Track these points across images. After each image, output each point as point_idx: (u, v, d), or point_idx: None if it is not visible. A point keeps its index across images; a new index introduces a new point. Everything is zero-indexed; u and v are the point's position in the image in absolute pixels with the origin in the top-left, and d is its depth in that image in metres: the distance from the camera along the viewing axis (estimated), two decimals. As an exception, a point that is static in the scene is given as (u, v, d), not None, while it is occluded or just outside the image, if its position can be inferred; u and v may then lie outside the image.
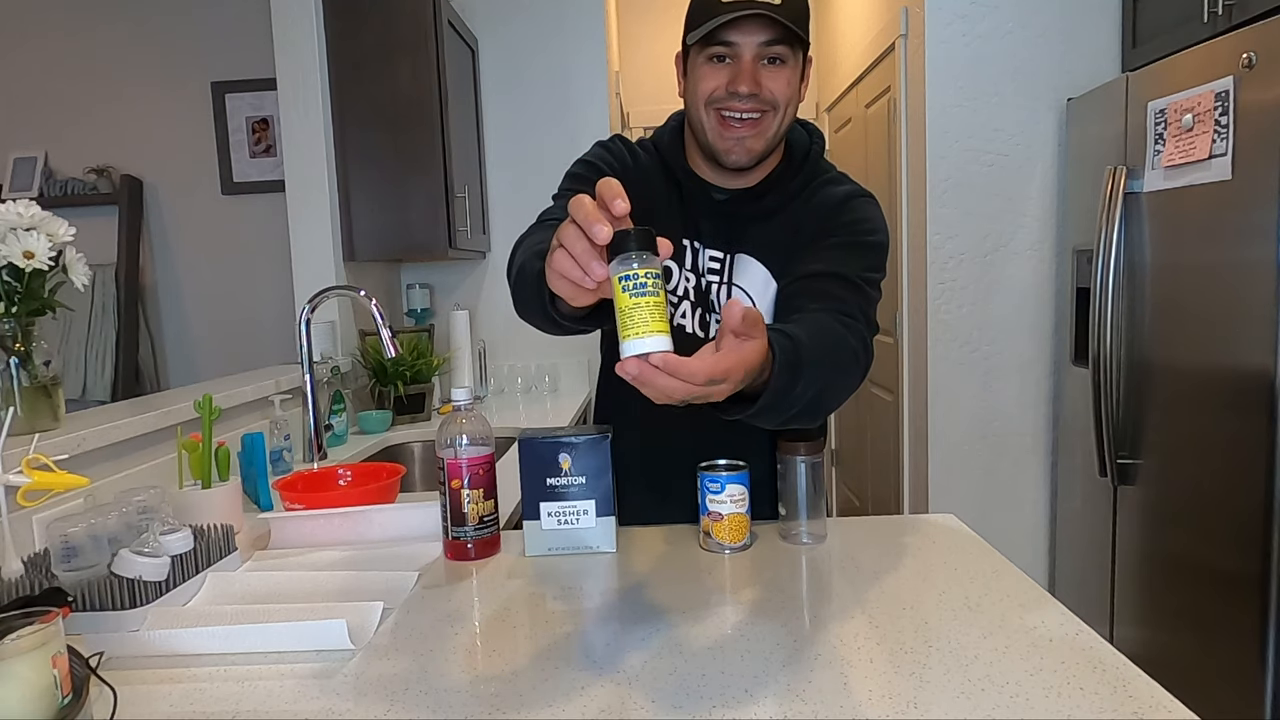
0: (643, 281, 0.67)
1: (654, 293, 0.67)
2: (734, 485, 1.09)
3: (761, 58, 1.03)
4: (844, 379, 0.95)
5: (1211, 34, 1.95)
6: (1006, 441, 2.68)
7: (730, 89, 1.03)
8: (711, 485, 1.09)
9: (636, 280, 0.67)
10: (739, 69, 1.03)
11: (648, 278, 0.67)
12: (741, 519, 1.10)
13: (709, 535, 1.11)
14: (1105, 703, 0.69)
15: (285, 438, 1.80)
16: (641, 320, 0.66)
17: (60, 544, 0.94)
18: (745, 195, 1.15)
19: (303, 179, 2.44)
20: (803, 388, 0.83)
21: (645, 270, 0.67)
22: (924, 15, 2.56)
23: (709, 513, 1.10)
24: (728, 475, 1.08)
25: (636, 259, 0.67)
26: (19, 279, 1.23)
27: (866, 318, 1.03)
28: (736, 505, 1.09)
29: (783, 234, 1.14)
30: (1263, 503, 1.71)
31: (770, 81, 1.04)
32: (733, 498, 1.09)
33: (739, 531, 1.10)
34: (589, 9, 3.02)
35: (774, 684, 0.74)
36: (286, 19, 2.40)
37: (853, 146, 3.59)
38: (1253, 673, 1.75)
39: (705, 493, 1.10)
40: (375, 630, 0.89)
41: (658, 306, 0.67)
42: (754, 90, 1.03)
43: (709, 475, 1.09)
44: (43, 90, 3.24)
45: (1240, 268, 1.78)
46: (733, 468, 1.09)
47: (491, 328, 3.09)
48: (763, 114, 1.05)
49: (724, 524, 1.10)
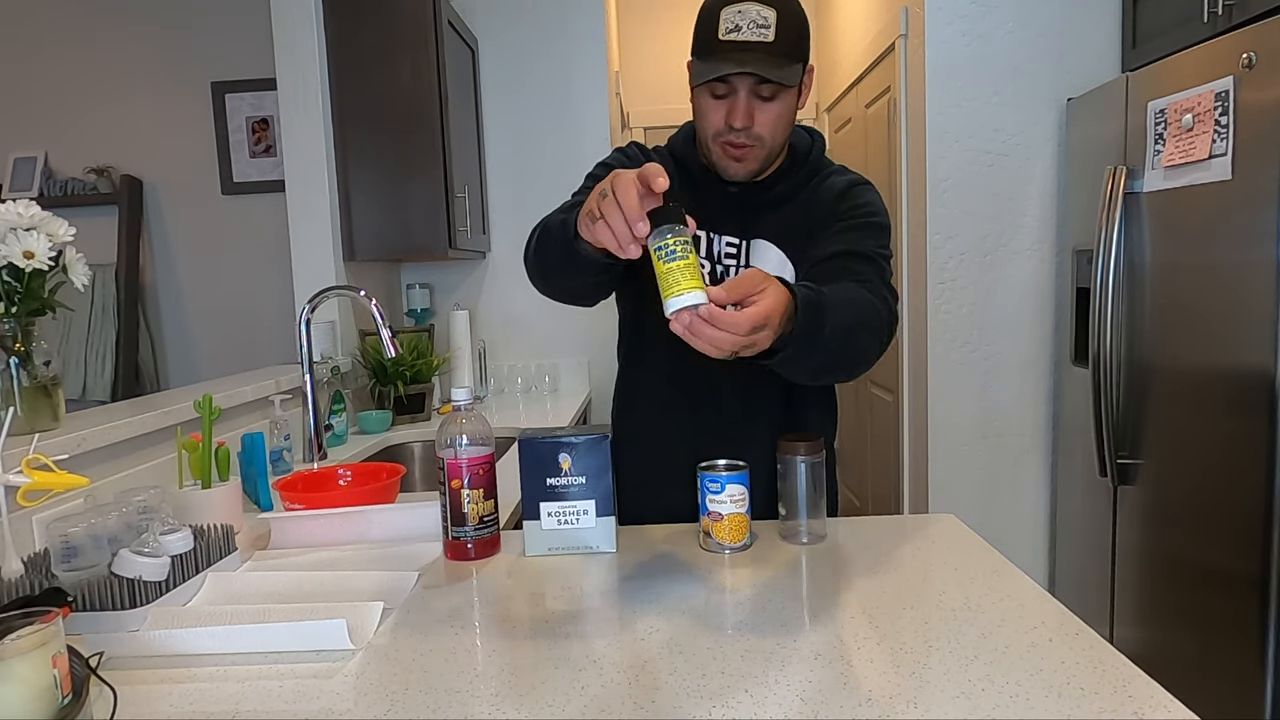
0: (673, 249, 0.80)
1: (685, 256, 0.80)
2: (734, 485, 1.08)
3: (756, 94, 1.12)
4: (871, 329, 1.03)
5: (1211, 34, 1.95)
6: (1006, 441, 2.68)
7: (728, 122, 1.13)
8: (711, 485, 1.09)
9: (668, 249, 0.80)
10: (735, 105, 1.12)
11: (678, 245, 0.80)
12: (741, 519, 1.10)
13: (709, 535, 1.10)
14: (1105, 703, 0.69)
15: (285, 438, 1.80)
16: (678, 280, 0.79)
17: (60, 544, 0.94)
18: (756, 187, 1.23)
19: (303, 179, 2.44)
20: (830, 329, 0.92)
21: (676, 239, 0.80)
22: (924, 15, 2.56)
23: (709, 513, 1.10)
24: (728, 475, 1.08)
25: (670, 230, 0.80)
26: (19, 279, 1.23)
27: (886, 283, 1.12)
28: (737, 505, 1.09)
29: (795, 218, 1.22)
30: (1263, 503, 1.71)
31: (762, 115, 1.13)
32: (733, 498, 1.08)
33: (739, 531, 1.10)
34: (589, 9, 3.02)
35: (774, 684, 0.74)
36: (286, 19, 2.40)
37: (853, 146, 3.59)
38: (1253, 673, 1.75)
39: (705, 493, 1.10)
40: (375, 630, 0.90)
41: (690, 267, 0.79)
42: (747, 124, 1.12)
43: (709, 475, 1.09)
44: (43, 90, 3.24)
45: (1240, 268, 1.77)
46: (732, 468, 1.09)
47: (491, 328, 3.09)
48: (752, 146, 1.15)
49: (724, 524, 1.09)
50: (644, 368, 1.33)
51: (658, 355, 1.26)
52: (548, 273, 1.12)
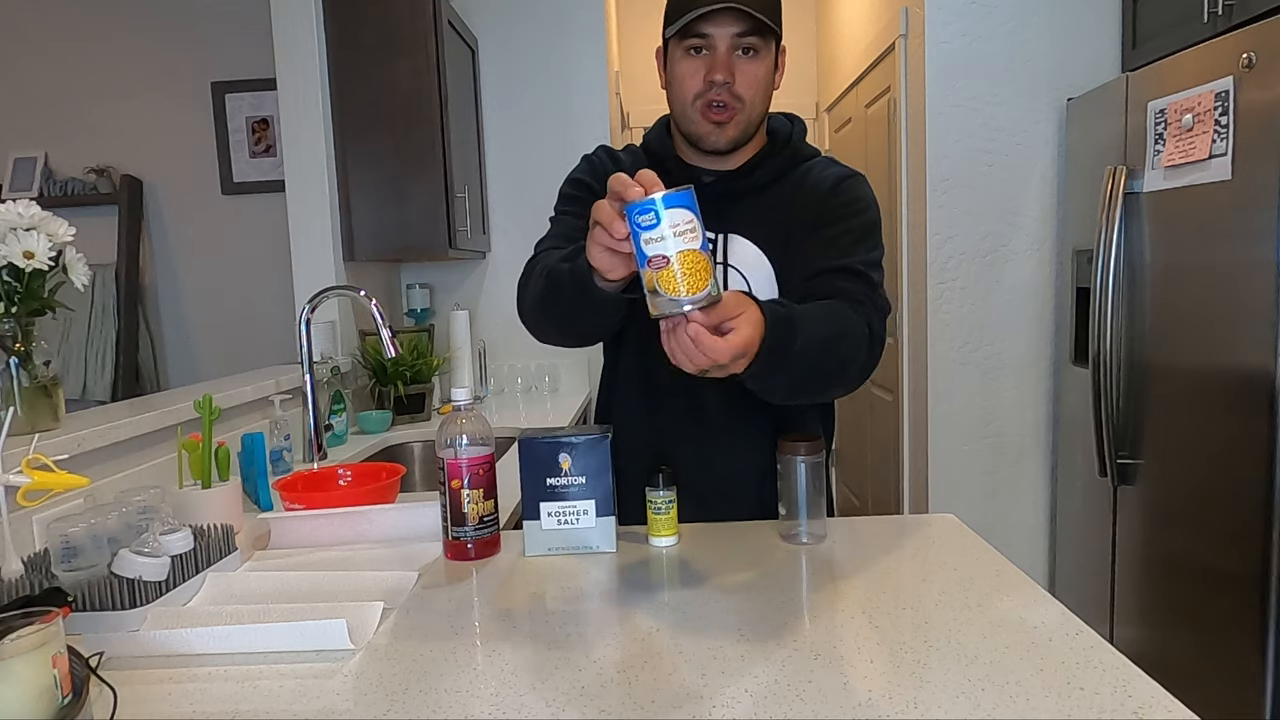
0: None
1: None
2: (675, 210, 0.76)
3: (735, 48, 1.09)
4: (848, 346, 1.01)
5: (1211, 34, 1.95)
6: (1006, 441, 2.68)
7: (708, 78, 1.10)
8: (642, 218, 0.76)
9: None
10: (715, 60, 1.09)
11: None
12: (697, 257, 0.77)
13: (656, 293, 0.78)
14: (1105, 703, 0.69)
15: (285, 438, 1.80)
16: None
17: (60, 544, 0.94)
18: (731, 176, 1.20)
19: (303, 179, 2.44)
20: (801, 344, 0.91)
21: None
22: (924, 15, 2.56)
23: (648, 261, 0.77)
24: (668, 195, 0.77)
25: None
26: (19, 279, 1.23)
27: (873, 302, 1.09)
28: (684, 239, 0.76)
29: (775, 210, 1.19)
30: (1263, 503, 1.71)
31: (742, 74, 1.10)
32: (676, 228, 0.76)
33: (697, 276, 0.77)
34: (589, 9, 3.02)
35: (774, 684, 0.74)
36: (286, 19, 2.40)
37: (853, 146, 3.59)
38: (1253, 673, 1.75)
39: (636, 233, 0.77)
40: (375, 630, 0.89)
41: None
42: (728, 79, 1.09)
43: (636, 206, 0.77)
44: (43, 90, 3.24)
45: (1240, 268, 1.77)
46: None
47: (491, 328, 3.09)
48: (734, 109, 1.12)
49: (671, 270, 0.76)
50: (624, 368, 1.29)
51: (633, 356, 1.25)
52: (564, 321, 1.07)
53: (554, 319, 1.09)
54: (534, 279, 1.10)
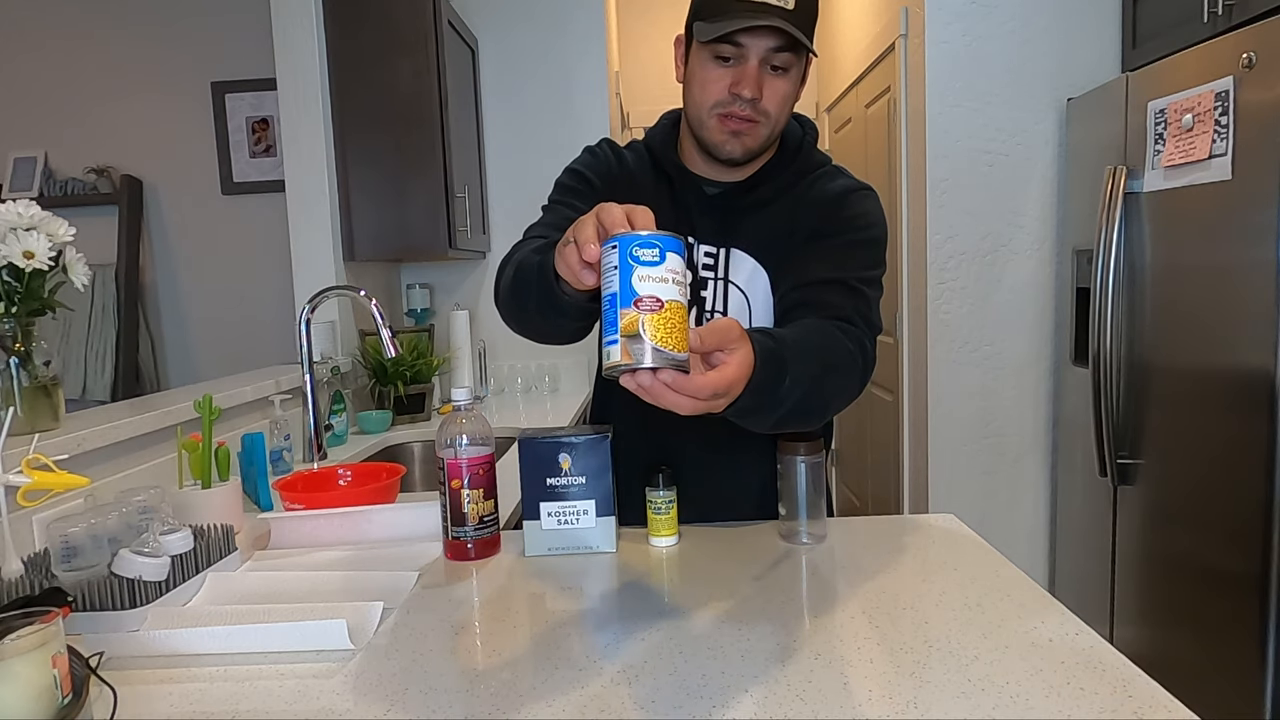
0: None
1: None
2: (676, 256, 0.71)
3: (766, 63, 1.03)
4: (838, 379, 0.96)
5: (1211, 34, 1.95)
6: (1006, 441, 2.68)
7: (733, 91, 1.04)
8: (644, 254, 0.70)
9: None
10: (743, 73, 1.03)
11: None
12: (682, 313, 0.70)
13: (638, 338, 0.68)
14: (1105, 703, 0.69)
15: (285, 438, 1.80)
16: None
17: (60, 544, 0.94)
18: (737, 188, 1.15)
19: (303, 179, 2.44)
20: (790, 383, 0.86)
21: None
22: (924, 15, 2.56)
23: (637, 298, 0.68)
24: (666, 238, 0.71)
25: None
26: (19, 279, 1.23)
27: (866, 320, 1.04)
28: (678, 288, 0.70)
29: (777, 226, 1.14)
30: (1263, 503, 1.71)
31: (770, 89, 1.04)
32: (675, 275, 0.70)
33: (679, 333, 0.69)
34: (589, 9, 3.02)
35: (774, 684, 0.74)
36: (286, 19, 2.40)
37: (853, 146, 3.59)
38: (1253, 673, 1.75)
39: (630, 267, 0.69)
40: (375, 630, 0.89)
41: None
42: (755, 95, 1.03)
43: (641, 240, 0.70)
44: (43, 90, 3.24)
45: (1240, 268, 1.77)
46: None
47: (491, 328, 3.09)
48: (757, 122, 1.06)
49: (661, 317, 0.68)
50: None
51: None
52: (525, 316, 1.03)
53: (516, 312, 1.04)
54: (508, 266, 1.06)
